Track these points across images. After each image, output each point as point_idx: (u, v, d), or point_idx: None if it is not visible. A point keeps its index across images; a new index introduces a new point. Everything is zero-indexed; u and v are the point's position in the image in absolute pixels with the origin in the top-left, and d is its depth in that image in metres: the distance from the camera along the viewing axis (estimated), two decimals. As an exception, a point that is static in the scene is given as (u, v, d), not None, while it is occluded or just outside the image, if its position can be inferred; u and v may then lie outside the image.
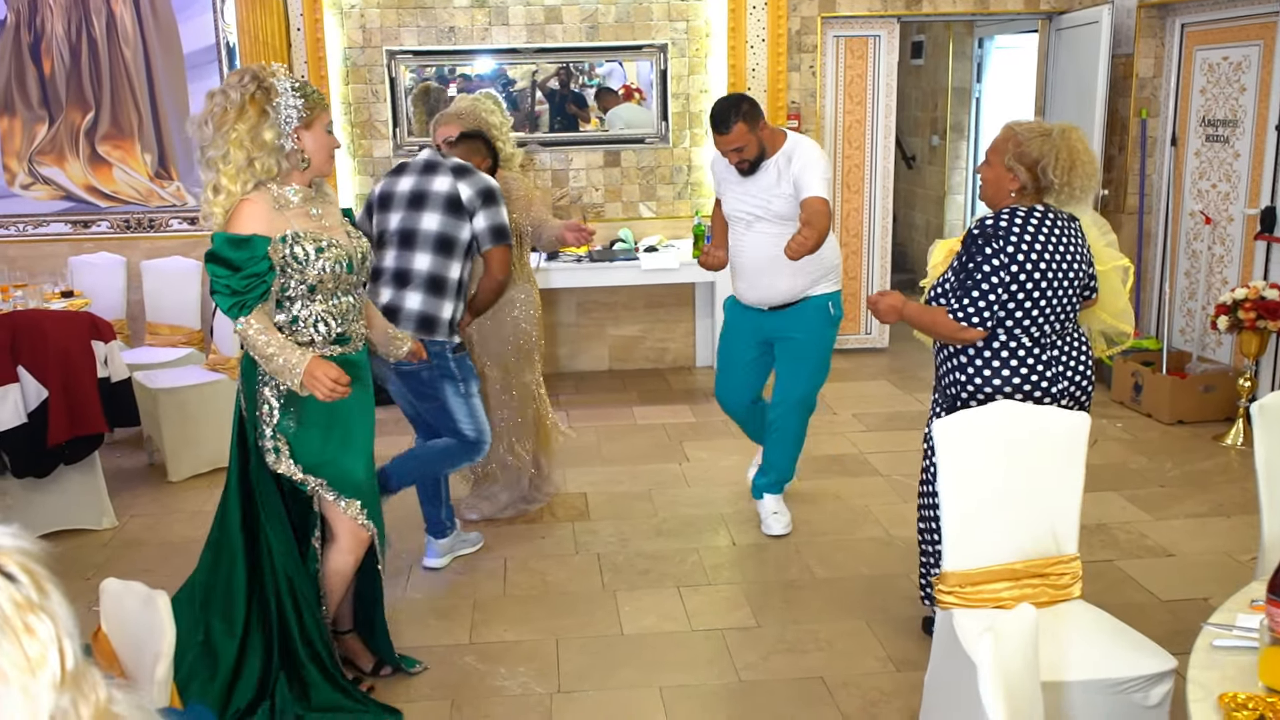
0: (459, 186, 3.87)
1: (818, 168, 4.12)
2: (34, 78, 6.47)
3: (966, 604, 2.76)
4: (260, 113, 2.86)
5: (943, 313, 3.17)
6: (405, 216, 3.88)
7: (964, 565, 2.77)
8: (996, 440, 2.79)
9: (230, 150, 2.85)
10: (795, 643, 3.58)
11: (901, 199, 9.53)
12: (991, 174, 3.22)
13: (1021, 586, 2.78)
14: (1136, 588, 3.92)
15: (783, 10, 6.64)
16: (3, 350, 4.16)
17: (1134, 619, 3.54)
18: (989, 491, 2.78)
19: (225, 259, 2.84)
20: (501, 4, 6.62)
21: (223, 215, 2.89)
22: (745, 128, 4.10)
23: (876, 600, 3.86)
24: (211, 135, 2.86)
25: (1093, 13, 6.37)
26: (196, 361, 5.58)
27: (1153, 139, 6.38)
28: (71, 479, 4.48)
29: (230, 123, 2.84)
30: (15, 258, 6.49)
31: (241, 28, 6.36)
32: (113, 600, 1.98)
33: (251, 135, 2.85)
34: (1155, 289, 6.48)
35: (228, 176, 2.87)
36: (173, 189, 6.66)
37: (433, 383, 3.83)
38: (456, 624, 3.75)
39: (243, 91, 2.85)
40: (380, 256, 3.89)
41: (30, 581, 0.94)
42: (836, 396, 6.41)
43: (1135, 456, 5.30)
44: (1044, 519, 2.81)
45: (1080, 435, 2.81)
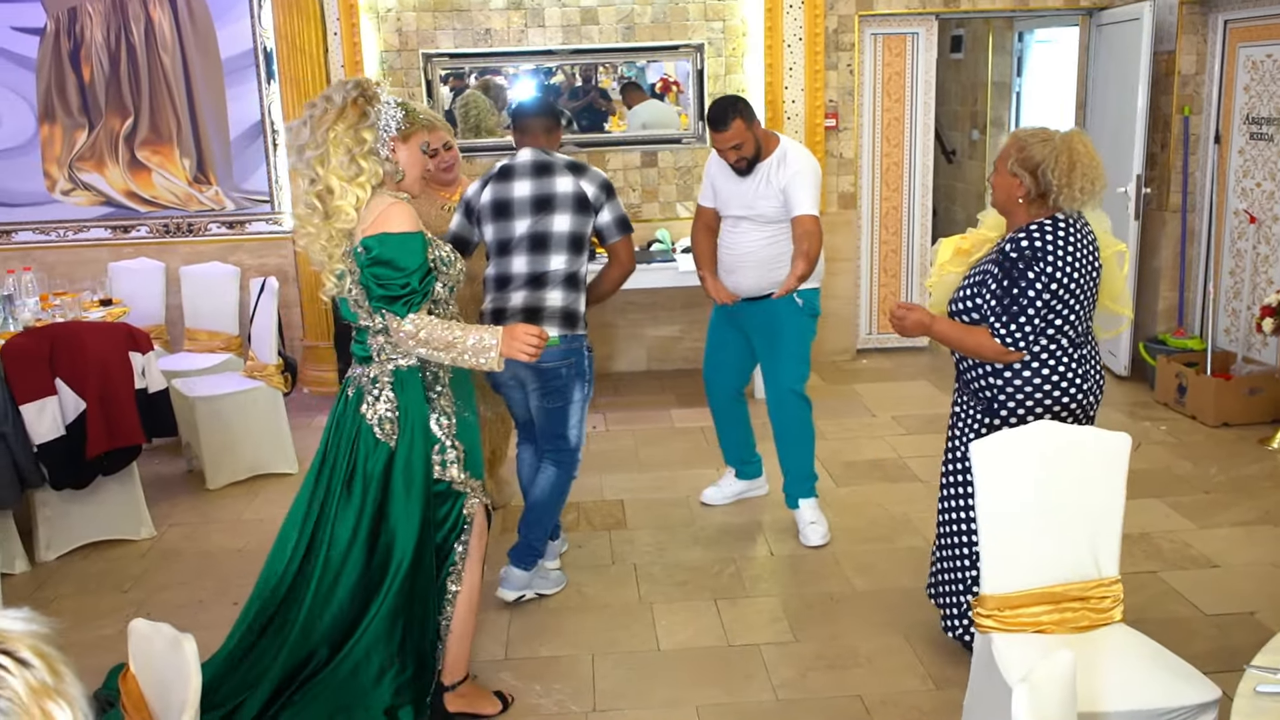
0: (582, 185, 3.87)
1: (807, 181, 4.24)
2: (74, 85, 6.54)
3: (1006, 628, 2.73)
4: (360, 114, 2.87)
5: (985, 334, 3.17)
6: (534, 222, 3.84)
7: (1003, 588, 2.73)
8: (1035, 461, 2.74)
9: (329, 149, 2.85)
10: (834, 659, 3.55)
11: (942, 193, 9.43)
12: (999, 181, 3.24)
13: (1061, 610, 2.74)
14: (1180, 601, 3.86)
15: (820, 9, 6.57)
16: (41, 363, 4.20)
17: (1177, 635, 3.52)
18: (1028, 513, 2.74)
19: (390, 260, 2.85)
20: (537, 6, 6.61)
21: (354, 213, 2.87)
22: (743, 124, 4.21)
23: (917, 614, 3.81)
24: (309, 135, 2.87)
25: (1134, 9, 6.26)
26: (235, 367, 5.62)
27: (1195, 136, 6.26)
28: (110, 489, 4.52)
29: (329, 122, 2.85)
30: (56, 263, 6.57)
31: (279, 33, 6.39)
32: (141, 641, 1.97)
33: (351, 134, 2.86)
34: (1199, 288, 6.37)
35: (337, 176, 2.85)
36: (211, 194, 6.71)
37: (569, 381, 3.85)
38: (492, 638, 3.74)
39: (345, 94, 2.88)
40: (505, 263, 3.87)
41: (44, 665, 0.94)
42: (875, 398, 6.36)
43: (1179, 461, 5.22)
44: (1084, 541, 2.76)
45: (1121, 455, 2.76)
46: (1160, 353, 6.19)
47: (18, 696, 0.91)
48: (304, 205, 2.91)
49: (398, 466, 3.01)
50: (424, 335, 2.88)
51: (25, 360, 4.17)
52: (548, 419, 3.91)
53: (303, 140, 2.89)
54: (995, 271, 3.17)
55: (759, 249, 4.39)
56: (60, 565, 4.42)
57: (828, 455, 5.39)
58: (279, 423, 5.32)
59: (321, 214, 2.88)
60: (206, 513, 4.94)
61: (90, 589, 4.22)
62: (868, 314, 7.34)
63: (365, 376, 3.04)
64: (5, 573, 4.23)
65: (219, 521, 4.84)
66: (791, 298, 4.37)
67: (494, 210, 3.89)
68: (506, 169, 3.94)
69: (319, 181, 2.87)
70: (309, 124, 2.89)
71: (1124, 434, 2.78)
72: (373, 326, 2.99)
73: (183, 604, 4.04)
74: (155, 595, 4.14)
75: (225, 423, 5.15)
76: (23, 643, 0.94)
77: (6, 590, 2.45)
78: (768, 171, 4.31)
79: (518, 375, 3.85)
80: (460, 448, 3.09)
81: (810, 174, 4.28)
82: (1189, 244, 6.39)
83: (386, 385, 3.01)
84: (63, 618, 3.84)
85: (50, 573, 4.36)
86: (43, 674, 0.94)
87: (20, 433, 4.13)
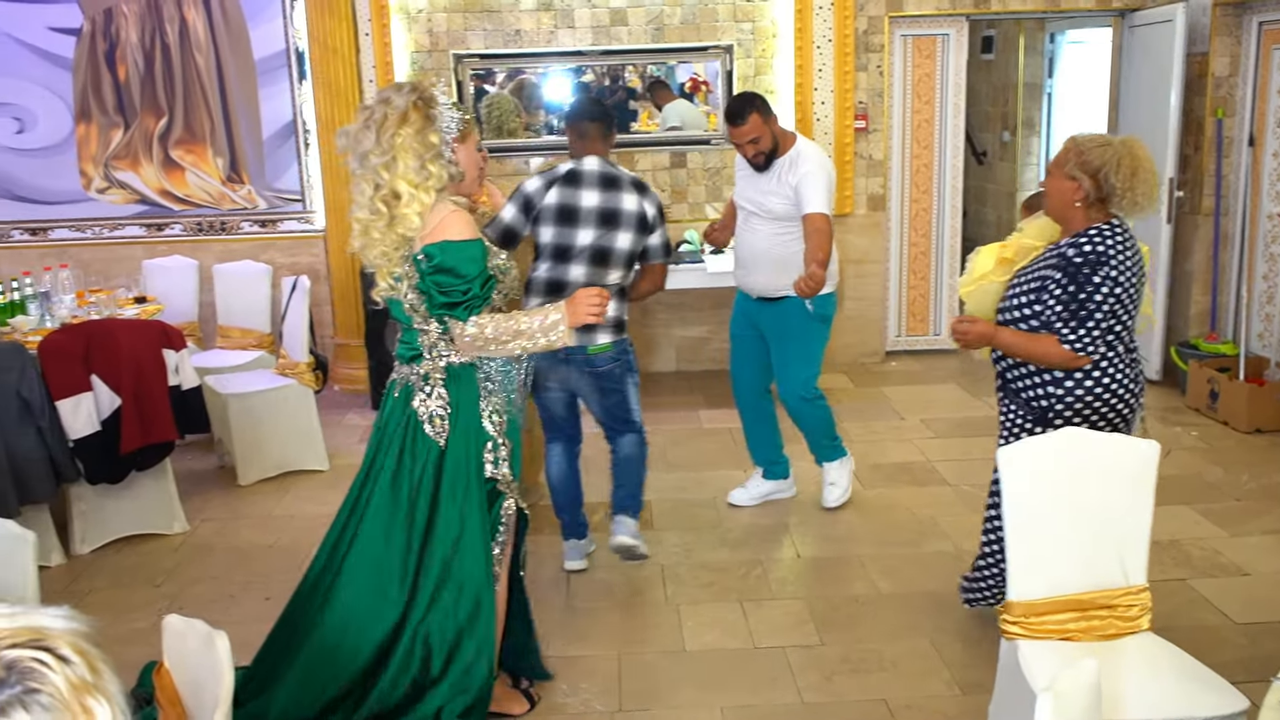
0: (645, 205, 3.98)
1: (819, 180, 4.33)
2: (110, 84, 6.62)
3: (1032, 635, 2.72)
4: (425, 118, 2.88)
5: (1052, 341, 3.16)
6: (599, 235, 3.91)
7: (1029, 595, 2.73)
8: (1063, 468, 2.74)
9: (397, 155, 2.85)
10: (859, 663, 3.55)
11: (972, 195, 9.39)
12: (1055, 185, 3.23)
13: (1088, 618, 2.74)
14: (1210, 609, 3.83)
15: (849, 10, 6.56)
16: (76, 360, 4.27)
17: (1206, 644, 3.49)
18: (1055, 520, 2.74)
19: (452, 268, 2.87)
20: (567, 7, 6.63)
21: (418, 220, 2.87)
22: (760, 119, 4.32)
23: (943, 619, 3.81)
24: (374, 141, 2.86)
25: (1167, 10, 6.21)
26: (267, 365, 5.67)
27: (1229, 139, 6.20)
28: (144, 484, 4.60)
29: (394, 128, 2.85)
30: (91, 260, 6.65)
31: (311, 33, 6.44)
32: (175, 637, 2.00)
33: (419, 138, 2.86)
34: (1233, 293, 6.31)
35: (406, 181, 2.85)
36: (244, 192, 6.78)
37: (620, 376, 4.08)
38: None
39: (406, 99, 2.87)
40: (561, 269, 3.94)
41: (84, 663, 0.97)
42: (904, 401, 6.34)
43: (1210, 467, 5.17)
44: (1112, 549, 2.76)
45: (1150, 463, 2.75)
46: (1192, 357, 6.14)
47: (59, 692, 0.93)
48: (367, 210, 2.90)
49: (449, 464, 3.02)
50: (490, 333, 2.91)
51: (61, 357, 4.24)
52: (611, 410, 4.14)
53: (366, 147, 2.88)
54: (1057, 276, 3.15)
55: (770, 246, 4.48)
56: (95, 558, 4.49)
57: (856, 458, 5.36)
58: (310, 420, 5.37)
59: (386, 219, 2.88)
60: (237, 508, 5.00)
61: (124, 582, 4.29)
62: (896, 316, 7.32)
63: (415, 374, 3.04)
64: (42, 565, 4.23)
65: (250, 517, 4.89)
66: (803, 303, 4.42)
67: (558, 215, 3.93)
68: (574, 175, 3.96)
69: (384, 186, 2.86)
70: (372, 129, 2.87)
71: (1153, 441, 2.77)
72: (428, 330, 2.99)
73: (214, 598, 4.09)
74: (187, 589, 4.20)
75: (257, 420, 5.21)
76: (63, 640, 0.97)
77: (43, 582, 2.49)
78: (780, 169, 4.40)
79: (566, 382, 4.03)
80: (509, 445, 3.10)
81: (821, 173, 4.35)
82: (1222, 248, 6.33)
83: (439, 382, 3.01)
84: (97, 610, 3.91)
85: (85, 565, 4.43)
86: (83, 670, 0.96)
87: (56, 428, 4.21)
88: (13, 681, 0.92)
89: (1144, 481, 2.75)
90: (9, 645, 0.94)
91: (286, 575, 4.22)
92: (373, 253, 2.94)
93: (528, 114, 6.92)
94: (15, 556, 2.42)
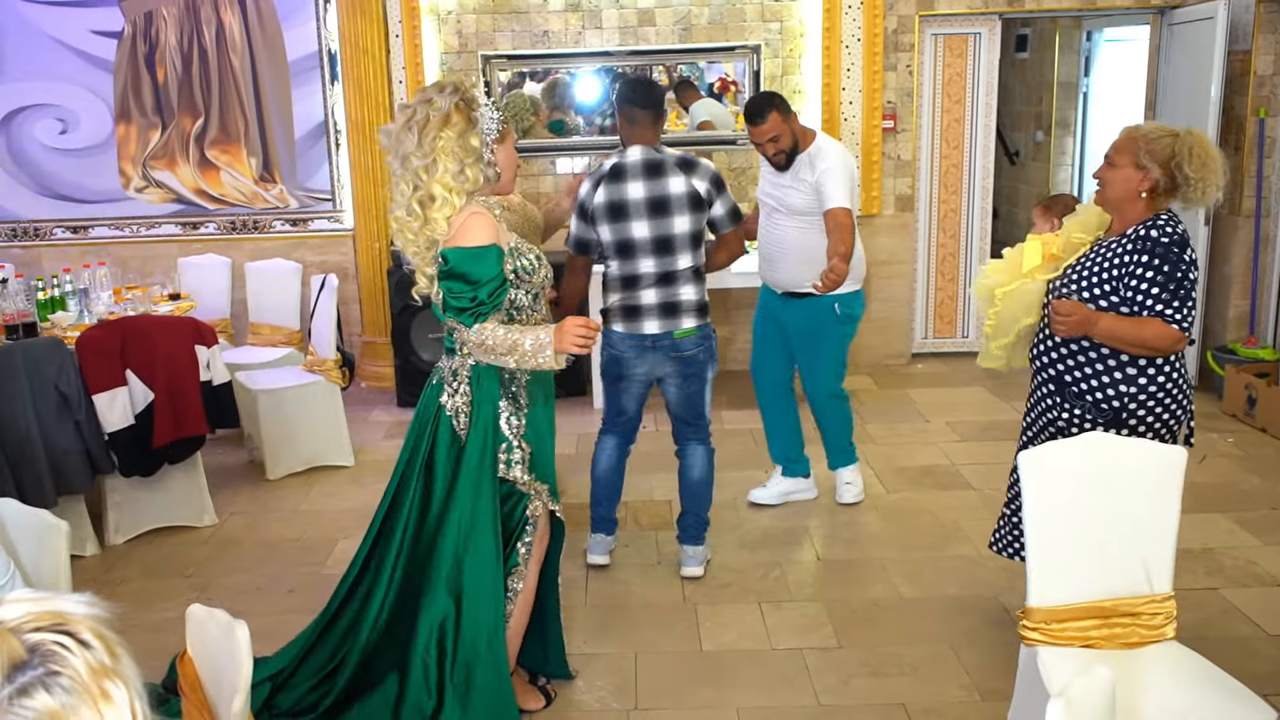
0: (694, 183, 3.92)
1: (839, 175, 4.33)
2: (149, 86, 6.71)
3: (1053, 641, 2.69)
4: (467, 120, 2.90)
5: (1159, 323, 3.08)
6: (655, 225, 3.91)
7: (1050, 601, 2.70)
8: (1087, 473, 2.70)
9: (438, 158, 2.87)
10: (877, 666, 3.53)
11: (1004, 195, 9.31)
12: (1119, 175, 3.18)
13: (1111, 625, 2.70)
14: (1242, 619, 3.77)
15: (879, 9, 6.52)
16: (113, 355, 4.36)
17: (1237, 655, 3.45)
18: (1078, 526, 2.70)
19: (463, 274, 2.88)
20: (595, 8, 6.64)
21: (445, 225, 2.90)
22: (779, 117, 4.33)
23: (964, 624, 3.78)
24: (415, 144, 2.88)
25: (1208, 7, 6.12)
26: (295, 361, 5.73)
27: (1271, 139, 6.11)
28: (175, 477, 4.68)
29: (436, 130, 2.87)
30: (129, 258, 6.74)
31: (343, 35, 6.49)
32: (196, 626, 2.03)
33: (460, 142, 2.88)
34: (1273, 296, 6.21)
35: (442, 185, 2.88)
36: (276, 192, 6.84)
37: (704, 363, 4.08)
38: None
39: (449, 100, 2.88)
40: (630, 264, 3.95)
41: (104, 647, 1.00)
42: (929, 403, 6.29)
43: (1246, 476, 5.09)
44: (1136, 556, 2.71)
45: (1177, 469, 2.70)
46: (1229, 362, 6.06)
47: (79, 675, 0.97)
48: (405, 209, 2.93)
49: (466, 460, 3.06)
50: (490, 343, 2.91)
51: (98, 352, 4.33)
52: (689, 402, 4.13)
53: (407, 148, 2.90)
54: (1144, 260, 3.09)
55: (794, 240, 4.49)
56: (128, 549, 4.58)
57: (879, 461, 5.36)
58: (337, 416, 5.42)
59: (420, 220, 2.91)
60: (266, 502, 5.06)
61: (155, 573, 4.37)
62: (923, 318, 7.26)
63: (448, 368, 3.10)
64: (77, 554, 4.38)
65: (277, 511, 4.95)
66: (832, 306, 4.45)
67: (609, 212, 3.92)
68: (618, 169, 3.94)
69: (422, 188, 2.90)
70: (414, 130, 2.88)
71: (1180, 448, 2.73)
72: (457, 328, 3.04)
73: (242, 590, 4.15)
74: (216, 580, 4.27)
75: (285, 415, 5.27)
76: (84, 625, 1.00)
77: (77, 571, 2.56)
78: (800, 166, 4.42)
79: (651, 370, 4.06)
80: (526, 449, 3.10)
81: (842, 168, 4.35)
82: (1262, 250, 6.23)
83: (465, 379, 3.07)
84: (129, 599, 4.02)
85: (119, 556, 4.52)
86: (102, 655, 0.99)
87: (92, 421, 4.31)
88: (35, 663, 0.95)
89: (1170, 487, 2.70)
90: (33, 629, 0.97)
91: (311, 569, 4.33)
92: (410, 250, 2.99)
93: (563, 114, 6.92)
94: (49, 544, 2.48)
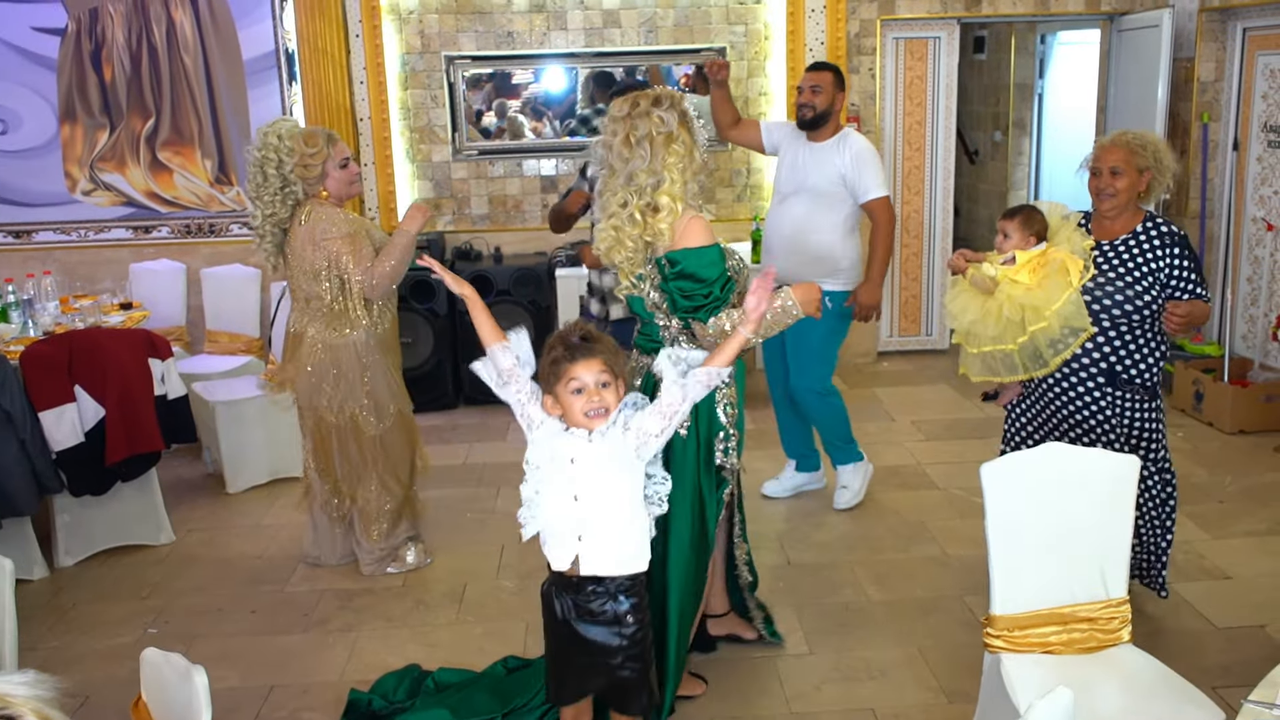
0: None
1: (874, 164, 4.50)
2: (95, 85, 6.59)
3: (1015, 648, 2.74)
4: (690, 136, 3.04)
5: (1199, 303, 3.47)
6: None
7: (1012, 609, 2.75)
8: (1045, 483, 2.75)
9: (667, 174, 2.99)
10: (849, 671, 3.57)
11: (964, 194, 9.40)
12: (1126, 181, 3.49)
13: (1070, 631, 2.76)
14: (1193, 614, 3.85)
15: (841, 14, 6.57)
16: (60, 370, 4.22)
17: (1189, 649, 3.54)
18: (1037, 535, 2.75)
19: (693, 273, 2.99)
20: (560, 9, 6.62)
21: (667, 231, 2.99)
22: (834, 80, 4.51)
23: (930, 625, 3.83)
24: (645, 161, 2.98)
25: (1153, 15, 6.23)
26: (256, 370, 5.66)
27: (1214, 143, 6.23)
28: (129, 494, 4.55)
29: (664, 146, 2.99)
30: (77, 263, 6.64)
31: (300, 34, 6.42)
32: (152, 670, 1.98)
33: (688, 157, 3.02)
34: (1217, 294, 6.34)
35: (669, 196, 2.99)
36: (232, 194, 6.76)
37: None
38: (507, 643, 3.77)
39: (673, 116, 3.01)
40: None
41: None
42: (895, 402, 6.36)
43: (1195, 469, 5.20)
44: (1093, 562, 2.77)
45: (1130, 478, 2.77)
46: (1178, 358, 6.17)
47: None
48: (624, 219, 3.02)
49: (687, 451, 3.12)
50: (728, 328, 2.97)
51: (44, 367, 4.19)
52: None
53: (635, 165, 2.99)
54: (1175, 251, 3.46)
55: (794, 232, 4.56)
56: (79, 571, 4.45)
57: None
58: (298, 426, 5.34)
59: (642, 227, 3.01)
60: (225, 518, 4.98)
61: (108, 596, 4.24)
62: (889, 316, 7.33)
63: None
64: (24, 579, 4.25)
65: (238, 527, 4.87)
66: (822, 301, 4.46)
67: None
68: None
69: (646, 198, 3.00)
70: (644, 147, 2.98)
71: (1133, 457, 2.79)
72: (669, 326, 3.13)
73: (202, 612, 4.06)
74: (173, 602, 4.16)
75: (245, 427, 5.19)
76: (27, 706, 0.97)
77: (25, 596, 2.46)
78: (829, 147, 4.51)
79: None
80: (737, 435, 3.22)
81: (874, 158, 4.52)
82: (1208, 250, 6.36)
83: None
84: (81, 626, 3.93)
85: (69, 579, 4.38)
86: None
87: (39, 440, 4.16)
88: None
89: (1124, 495, 2.77)
90: None
91: (273, 588, 4.26)
92: (617, 254, 3.08)
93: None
94: (-9, 587, 2.34)
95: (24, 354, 4.23)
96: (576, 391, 2.58)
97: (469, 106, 6.74)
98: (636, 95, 3.07)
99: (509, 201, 6.90)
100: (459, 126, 6.76)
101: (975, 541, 4.26)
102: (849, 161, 4.47)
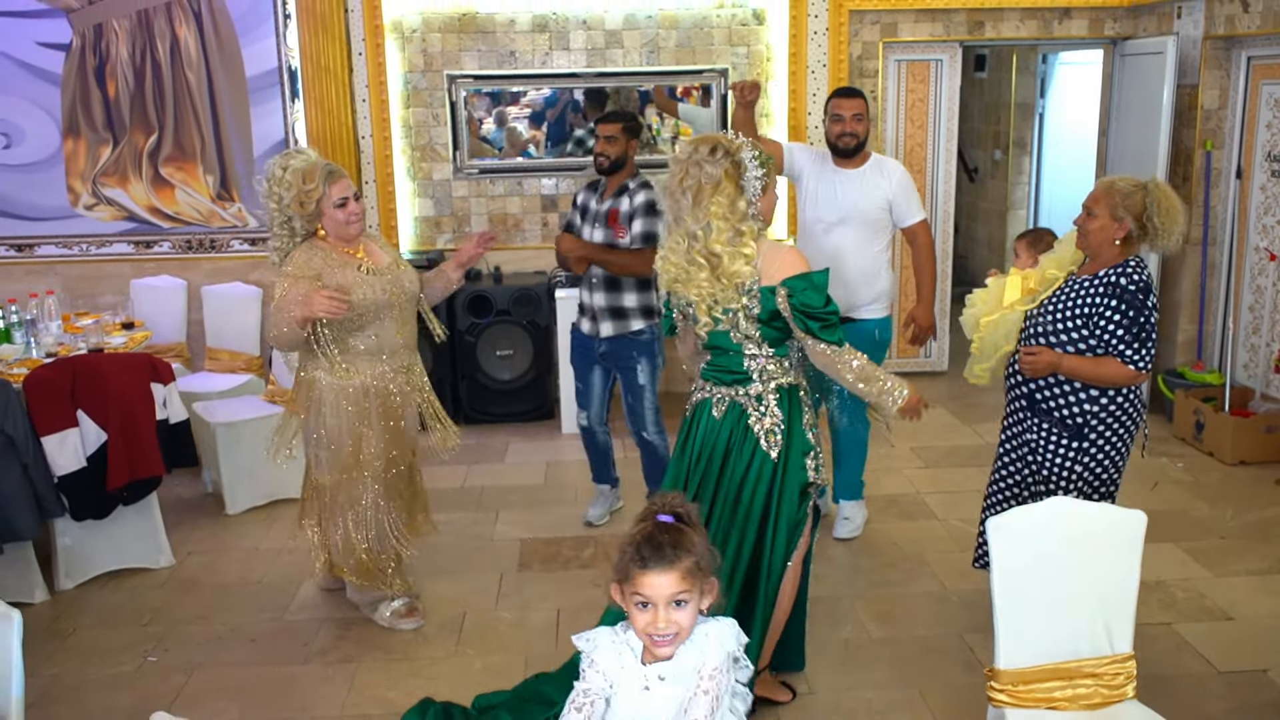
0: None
1: (913, 189, 4.61)
2: (99, 100, 6.58)
3: (1019, 704, 2.73)
4: (736, 187, 3.13)
5: (1116, 363, 3.49)
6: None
7: (1017, 663, 2.74)
8: (1051, 537, 2.75)
9: (711, 222, 3.11)
10: (849, 713, 3.55)
11: (964, 212, 9.42)
12: (1098, 224, 3.54)
13: (1075, 686, 2.75)
14: (1194, 655, 3.85)
15: (844, 36, 6.57)
16: (62, 395, 4.22)
17: (1191, 694, 3.55)
18: (1043, 589, 2.75)
19: (809, 303, 3.15)
20: (562, 29, 6.61)
21: (750, 268, 3.12)
22: (866, 108, 4.56)
23: (931, 665, 3.82)
24: (689, 208, 3.13)
25: (1157, 42, 6.23)
26: (256, 389, 5.64)
27: (1217, 171, 6.23)
28: (129, 518, 4.54)
29: (708, 197, 3.11)
30: (78, 278, 6.62)
31: (304, 52, 6.41)
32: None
33: (731, 208, 3.12)
34: (1219, 323, 6.34)
35: (722, 244, 3.11)
36: (233, 210, 6.75)
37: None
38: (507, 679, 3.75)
39: (719, 168, 3.10)
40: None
41: None
42: (895, 427, 6.31)
43: (1196, 502, 5.20)
44: (1099, 617, 2.77)
45: (1137, 534, 2.76)
46: (1179, 386, 6.17)
47: None
48: (685, 260, 3.16)
49: (780, 474, 3.28)
50: (855, 365, 3.23)
51: (47, 392, 4.20)
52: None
53: (682, 210, 3.15)
54: (1113, 304, 3.47)
55: (851, 256, 4.54)
56: (79, 594, 4.44)
57: (843, 490, 5.39)
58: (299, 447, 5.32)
59: (709, 270, 3.14)
60: (225, 540, 4.96)
61: (108, 621, 4.22)
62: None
63: (746, 395, 3.29)
64: (25, 602, 4.25)
65: (237, 550, 4.86)
66: (873, 332, 4.62)
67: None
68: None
69: (699, 245, 3.12)
70: (688, 195, 3.12)
71: (1139, 512, 2.78)
72: (758, 355, 3.26)
73: (202, 640, 4.05)
74: (174, 629, 4.14)
75: (245, 449, 5.16)
76: None
77: (25, 620, 2.46)
78: (866, 173, 4.55)
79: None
80: (822, 451, 3.39)
81: (912, 183, 4.60)
82: (1209, 277, 6.36)
83: (773, 402, 3.28)
84: (81, 652, 3.92)
85: (69, 602, 4.38)
86: None
87: (41, 464, 4.16)
88: None
89: (1131, 550, 2.77)
90: None
91: (273, 615, 4.25)
92: (693, 292, 3.19)
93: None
94: (-3, 634, 2.30)
95: (27, 379, 4.23)
96: (641, 606, 2.24)
97: (470, 115, 6.72)
98: (699, 141, 3.17)
99: (509, 220, 6.89)
100: (460, 145, 6.75)
101: (974, 576, 4.28)
102: (894, 186, 4.53)
